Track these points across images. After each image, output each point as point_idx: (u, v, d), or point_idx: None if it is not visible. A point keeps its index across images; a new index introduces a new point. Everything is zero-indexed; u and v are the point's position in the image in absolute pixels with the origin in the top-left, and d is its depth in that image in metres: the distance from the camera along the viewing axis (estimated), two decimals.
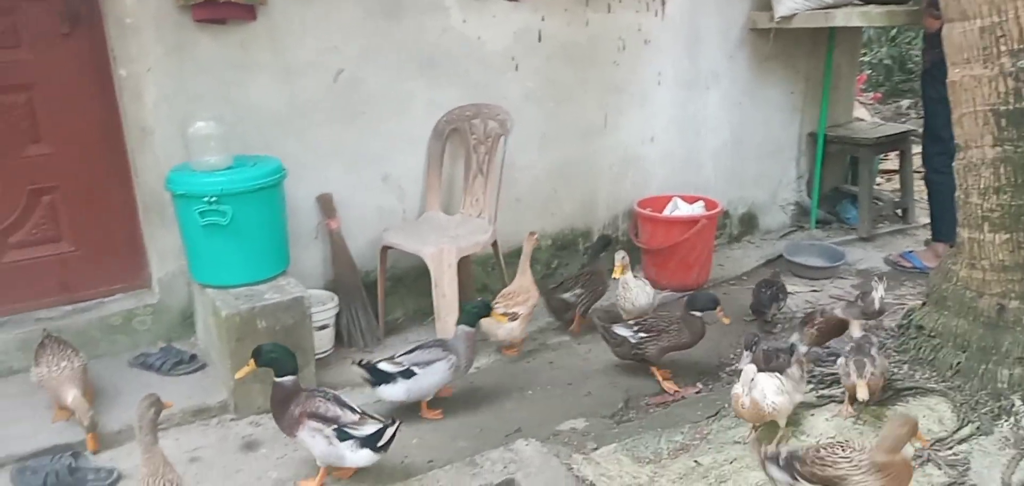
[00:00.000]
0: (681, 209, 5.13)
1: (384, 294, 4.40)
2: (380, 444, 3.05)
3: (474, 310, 3.65)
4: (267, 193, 3.72)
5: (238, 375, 3.19)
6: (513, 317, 4.02)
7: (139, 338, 4.08)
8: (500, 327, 4.02)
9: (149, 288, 4.17)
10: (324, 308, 4.09)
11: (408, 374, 3.50)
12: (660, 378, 3.82)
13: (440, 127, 4.53)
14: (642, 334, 3.80)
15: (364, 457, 3.05)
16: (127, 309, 4.07)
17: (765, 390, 2.93)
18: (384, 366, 3.53)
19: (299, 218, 4.19)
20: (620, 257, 4.23)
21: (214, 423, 3.62)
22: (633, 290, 4.22)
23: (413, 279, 4.54)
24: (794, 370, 3.15)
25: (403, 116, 4.44)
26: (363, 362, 3.58)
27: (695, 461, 2.98)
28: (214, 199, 3.53)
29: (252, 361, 3.08)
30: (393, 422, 3.10)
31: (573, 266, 5.06)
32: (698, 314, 3.77)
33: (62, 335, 3.61)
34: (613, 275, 4.26)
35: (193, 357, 3.96)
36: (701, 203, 5.16)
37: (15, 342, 3.82)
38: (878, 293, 3.82)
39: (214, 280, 3.73)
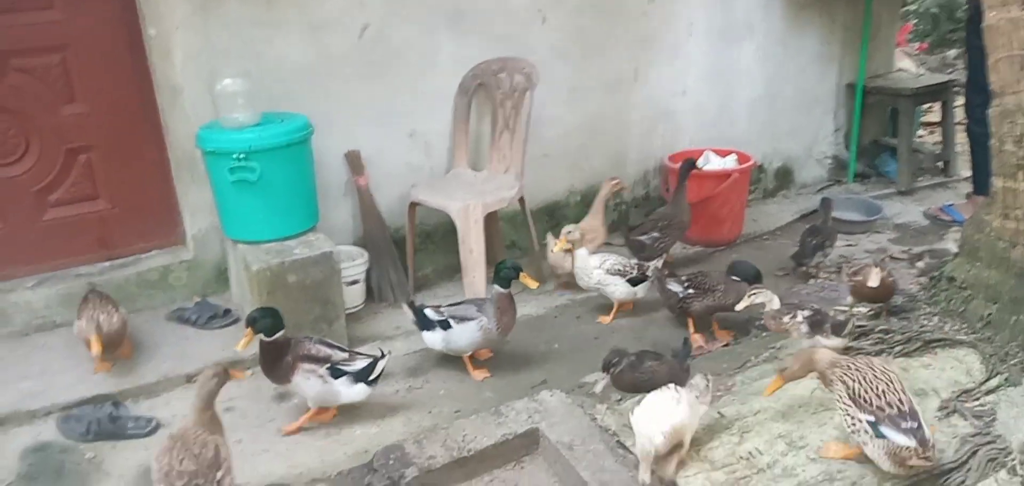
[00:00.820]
0: (713, 163, 5.06)
1: (413, 250, 4.44)
2: (372, 378, 3.16)
3: (508, 271, 3.53)
4: (295, 149, 3.76)
5: (240, 346, 3.21)
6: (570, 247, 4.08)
7: (175, 293, 4.18)
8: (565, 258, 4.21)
9: (184, 244, 4.26)
10: (354, 264, 4.14)
11: (446, 325, 3.54)
12: (692, 330, 3.81)
13: (466, 82, 4.52)
14: (690, 290, 3.80)
15: (359, 391, 3.18)
16: (163, 265, 4.17)
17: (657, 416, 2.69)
18: (429, 312, 3.58)
19: (328, 174, 4.23)
20: (566, 231, 4.06)
21: (248, 375, 3.70)
22: (578, 267, 4.07)
23: (442, 235, 4.57)
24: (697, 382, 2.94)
25: (429, 71, 4.43)
26: (413, 303, 3.64)
27: (719, 412, 2.97)
28: (243, 156, 3.58)
29: (249, 330, 3.13)
30: (383, 355, 3.22)
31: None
32: (737, 280, 3.80)
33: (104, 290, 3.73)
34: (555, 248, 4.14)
35: (227, 311, 4.05)
36: (734, 157, 5.09)
37: (57, 297, 3.95)
38: (873, 278, 3.52)
39: (245, 236, 3.80)
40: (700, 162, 5.07)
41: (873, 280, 3.41)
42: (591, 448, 2.97)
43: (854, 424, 2.53)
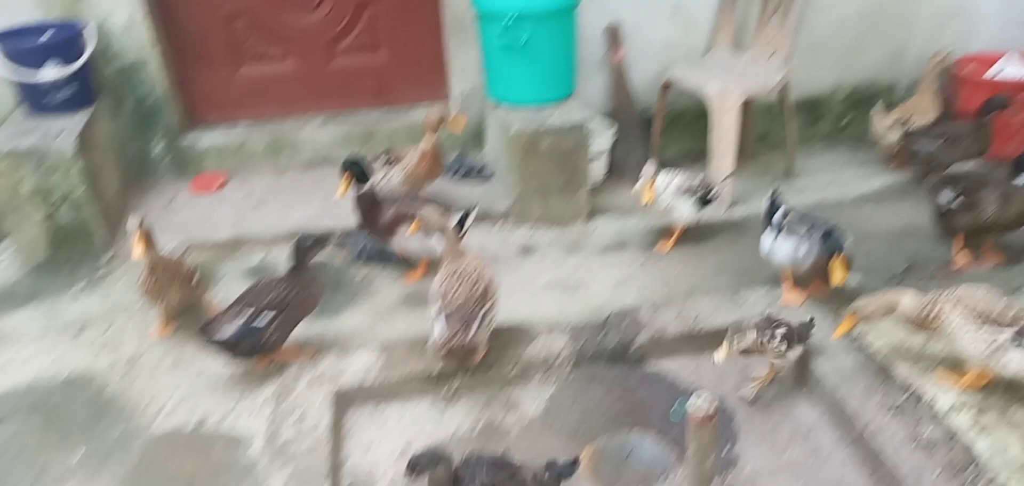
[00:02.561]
0: (1010, 70, 4.45)
1: (660, 131, 4.42)
2: (463, 230, 3.26)
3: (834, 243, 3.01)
4: (561, 18, 3.84)
5: (340, 193, 3.39)
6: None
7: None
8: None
9: (449, 101, 4.57)
10: (601, 137, 4.21)
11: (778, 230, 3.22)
12: (957, 248, 3.48)
13: None
14: (958, 198, 3.42)
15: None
16: None
17: None
18: (778, 217, 3.25)
19: (586, 46, 4.28)
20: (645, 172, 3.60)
21: (497, 227, 3.98)
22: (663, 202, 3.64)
23: (690, 118, 4.49)
24: None
25: None
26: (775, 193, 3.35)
27: None
28: (513, 20, 3.72)
29: (347, 175, 3.36)
30: (472, 209, 3.33)
31: (865, 125, 4.66)
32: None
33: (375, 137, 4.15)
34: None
35: (482, 168, 4.33)
36: None
37: (340, 136, 4.43)
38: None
39: (506, 98, 3.99)
40: (994, 69, 4.49)
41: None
42: (830, 345, 2.88)
43: (992, 344, 2.45)
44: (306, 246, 2.98)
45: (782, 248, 3.16)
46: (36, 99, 3.75)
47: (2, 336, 3.24)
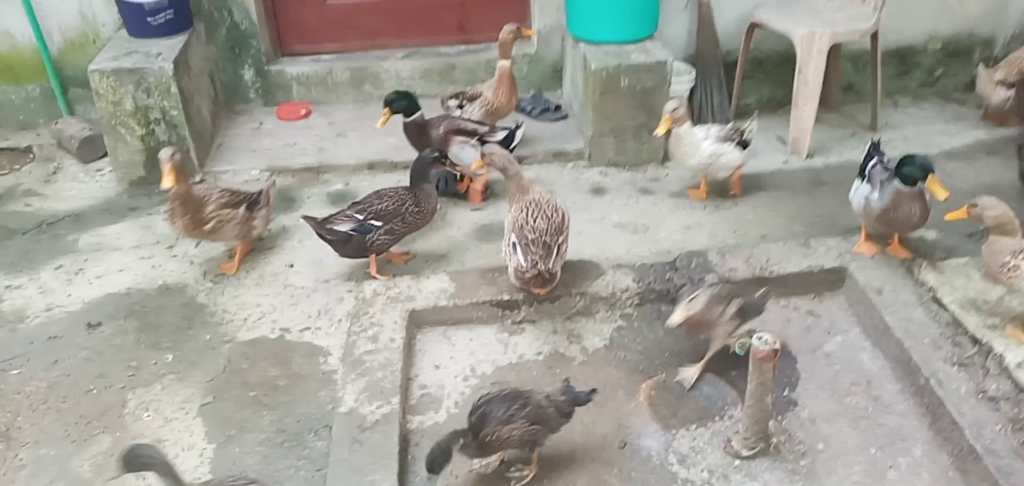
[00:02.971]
0: None
1: (742, 75, 4.34)
2: (512, 144, 3.54)
3: (914, 170, 2.87)
4: None
5: (379, 124, 3.56)
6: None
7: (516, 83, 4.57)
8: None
9: (529, 39, 4.58)
10: (681, 79, 4.17)
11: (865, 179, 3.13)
12: None
13: None
14: None
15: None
16: None
17: None
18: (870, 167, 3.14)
19: None
20: (670, 108, 3.44)
21: (569, 167, 4.02)
22: (685, 144, 3.52)
23: (775, 64, 4.39)
24: None
25: None
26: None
27: None
28: None
29: (387, 110, 3.50)
30: (518, 126, 3.64)
31: (962, 77, 4.46)
32: None
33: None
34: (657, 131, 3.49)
35: (558, 107, 4.36)
36: None
37: (420, 70, 4.53)
38: None
39: (588, 35, 3.99)
40: None
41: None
42: (901, 297, 2.85)
43: None
44: (427, 162, 3.17)
45: (859, 193, 3.10)
46: (137, 22, 3.95)
47: (102, 246, 3.49)
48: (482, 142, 3.53)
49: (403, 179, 3.85)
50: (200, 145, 3.97)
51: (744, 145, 3.58)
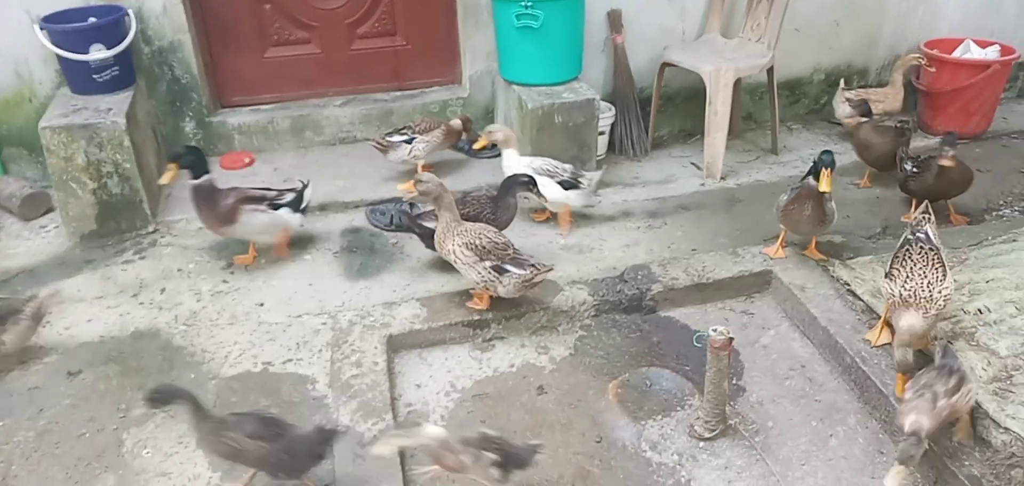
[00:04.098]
0: (973, 52, 4.93)
1: (657, 110, 4.80)
2: (304, 206, 3.69)
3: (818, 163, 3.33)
4: (574, 2, 4.20)
5: (163, 181, 3.50)
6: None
7: None
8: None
9: (461, 83, 4.90)
10: (603, 116, 4.57)
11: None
12: (913, 208, 3.91)
13: None
14: (914, 170, 3.89)
15: (298, 219, 3.68)
16: (442, 99, 4.84)
17: None
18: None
19: (590, 30, 4.61)
20: (491, 129, 4.01)
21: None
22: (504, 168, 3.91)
23: (684, 99, 4.89)
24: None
25: None
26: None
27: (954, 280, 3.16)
28: (530, 4, 4.06)
29: (173, 165, 3.43)
30: (305, 184, 3.74)
31: None
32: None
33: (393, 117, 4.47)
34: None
35: (494, 145, 4.65)
36: (996, 48, 4.91)
37: (359, 116, 4.75)
38: None
39: (521, 78, 4.34)
40: (958, 51, 4.96)
41: None
42: (821, 292, 3.29)
43: None
44: (516, 183, 3.50)
45: (780, 200, 3.54)
46: (82, 79, 3.99)
47: (63, 298, 3.49)
48: (273, 206, 3.58)
49: (356, 218, 4.08)
50: (151, 196, 4.02)
51: (568, 186, 3.81)
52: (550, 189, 3.77)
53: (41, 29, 3.91)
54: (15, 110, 4.24)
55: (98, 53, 3.93)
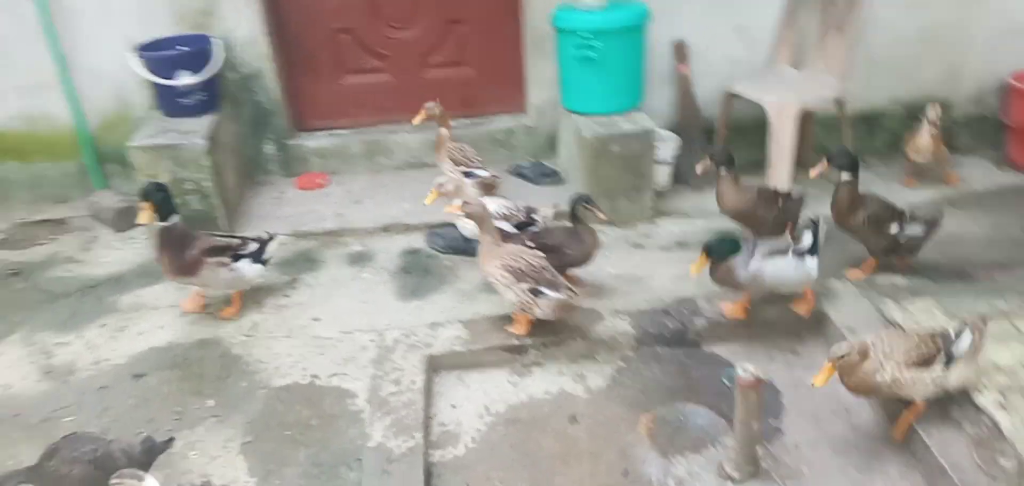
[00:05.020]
0: None
1: (723, 140, 4.73)
2: (264, 258, 3.62)
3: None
4: (632, 34, 4.23)
5: (140, 221, 3.34)
6: None
7: (515, 152, 4.96)
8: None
9: (526, 112, 5.00)
10: (666, 146, 4.55)
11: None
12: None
13: None
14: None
15: (258, 270, 3.60)
16: (507, 127, 4.96)
17: None
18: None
19: (654, 60, 4.63)
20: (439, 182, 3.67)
21: None
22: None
23: (751, 130, 4.77)
24: None
25: None
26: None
27: (1014, 325, 2.98)
28: (590, 35, 4.12)
29: (148, 205, 3.27)
30: (271, 237, 3.68)
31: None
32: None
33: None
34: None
35: (555, 172, 4.73)
36: None
37: (427, 142, 4.90)
38: None
39: (580, 107, 4.39)
40: None
41: None
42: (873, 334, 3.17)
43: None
44: (577, 201, 3.52)
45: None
46: (171, 103, 4.32)
47: (141, 305, 3.78)
48: (235, 257, 3.52)
49: (416, 240, 4.22)
50: (228, 212, 4.30)
51: (523, 227, 3.78)
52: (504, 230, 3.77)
53: (137, 56, 4.26)
54: (115, 130, 4.62)
55: (185, 79, 4.24)
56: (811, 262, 3.25)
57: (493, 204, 3.84)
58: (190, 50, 4.31)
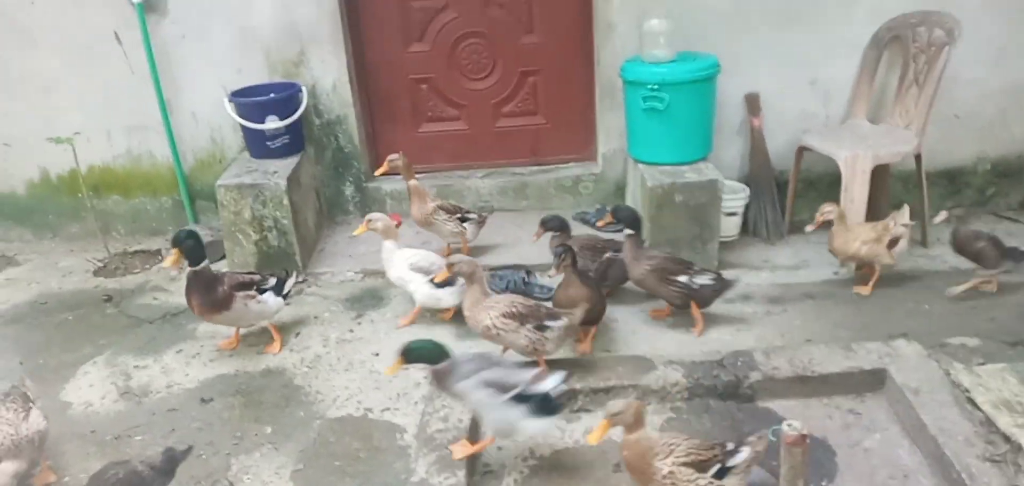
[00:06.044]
0: None
1: (794, 194, 4.64)
2: (285, 293, 3.82)
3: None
4: (700, 86, 4.23)
5: (167, 263, 3.67)
6: None
7: (581, 199, 5.02)
8: None
9: (594, 160, 5.05)
10: (735, 197, 4.51)
11: None
12: None
13: (880, 34, 4.49)
14: None
15: (279, 303, 3.78)
16: (576, 175, 5.03)
17: None
18: None
19: (726, 112, 4.61)
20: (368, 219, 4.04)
21: None
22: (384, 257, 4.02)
23: (826, 184, 4.67)
24: None
25: (843, 21, 4.50)
26: None
27: None
28: (656, 87, 4.16)
29: (175, 251, 3.50)
30: (288, 274, 3.89)
31: (1015, 196, 4.63)
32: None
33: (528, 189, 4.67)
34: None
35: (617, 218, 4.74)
36: None
37: (497, 187, 5.03)
38: None
39: (646, 157, 4.41)
40: None
41: None
42: (938, 397, 3.02)
43: None
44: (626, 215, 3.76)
45: None
46: (258, 145, 4.61)
47: (216, 334, 3.99)
48: (259, 290, 3.69)
49: None
50: (304, 249, 4.53)
51: (440, 286, 3.74)
52: (421, 287, 3.84)
53: (229, 101, 4.58)
54: (208, 170, 4.96)
55: (271, 123, 4.52)
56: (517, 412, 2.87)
57: (415, 257, 3.91)
58: (278, 96, 4.59)
